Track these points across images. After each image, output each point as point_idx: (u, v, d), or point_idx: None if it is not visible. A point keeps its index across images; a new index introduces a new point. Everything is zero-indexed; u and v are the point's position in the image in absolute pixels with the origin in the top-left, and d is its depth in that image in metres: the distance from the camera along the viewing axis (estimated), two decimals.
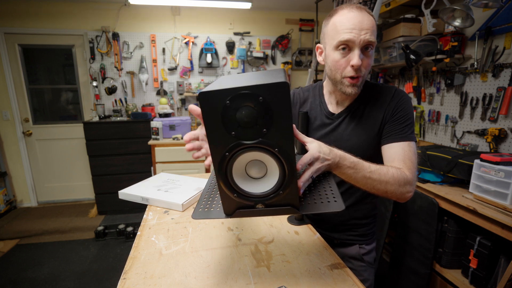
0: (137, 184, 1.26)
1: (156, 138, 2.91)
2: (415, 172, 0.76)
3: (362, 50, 0.76)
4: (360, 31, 0.73)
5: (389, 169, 0.72)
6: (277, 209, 0.56)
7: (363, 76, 0.80)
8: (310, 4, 3.08)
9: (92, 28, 3.13)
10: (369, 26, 0.74)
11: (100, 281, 2.08)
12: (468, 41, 1.95)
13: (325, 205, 0.57)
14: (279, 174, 0.52)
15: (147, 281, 0.68)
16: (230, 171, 0.52)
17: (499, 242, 1.35)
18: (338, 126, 0.90)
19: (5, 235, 2.69)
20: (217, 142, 0.50)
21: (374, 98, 0.87)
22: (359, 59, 0.75)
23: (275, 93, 0.46)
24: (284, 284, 0.67)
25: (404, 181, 0.72)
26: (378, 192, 0.72)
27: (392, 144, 0.81)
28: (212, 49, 3.28)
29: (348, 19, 0.74)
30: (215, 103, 0.47)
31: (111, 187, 3.03)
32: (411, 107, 0.84)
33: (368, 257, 1.01)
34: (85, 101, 3.35)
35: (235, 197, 0.54)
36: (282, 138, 0.49)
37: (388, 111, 0.84)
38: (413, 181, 0.75)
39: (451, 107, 2.11)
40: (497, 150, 1.75)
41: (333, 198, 0.58)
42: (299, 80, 3.70)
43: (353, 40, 0.74)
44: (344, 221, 0.99)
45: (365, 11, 0.76)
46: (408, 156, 0.77)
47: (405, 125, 0.81)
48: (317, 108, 0.95)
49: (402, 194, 0.73)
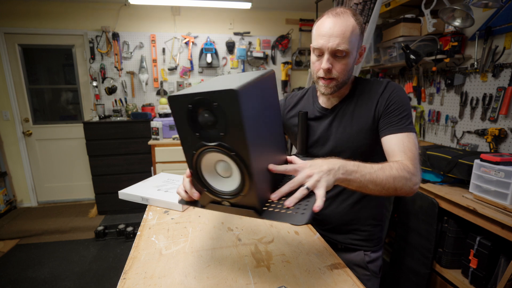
0: (137, 184, 1.26)
1: (156, 138, 2.91)
2: (417, 163, 0.75)
3: (333, 55, 0.79)
4: (329, 38, 0.77)
5: (391, 164, 0.71)
6: (240, 209, 0.58)
7: (337, 79, 0.82)
8: (310, 4, 3.08)
9: (92, 28, 3.13)
10: (338, 33, 0.76)
11: (100, 281, 2.08)
12: (468, 41, 1.95)
13: (289, 216, 0.55)
14: (239, 176, 0.54)
15: (147, 281, 0.68)
16: (199, 167, 0.57)
17: (499, 242, 1.35)
18: (332, 120, 0.91)
19: (5, 235, 2.69)
20: (186, 141, 0.55)
21: (367, 90, 0.88)
22: (326, 63, 0.79)
23: (226, 99, 0.48)
24: (284, 284, 0.67)
25: (408, 172, 0.71)
26: (389, 191, 0.69)
27: (390, 136, 0.80)
28: (212, 49, 3.28)
29: (322, 26, 0.79)
30: (182, 106, 0.51)
31: (111, 187, 3.03)
32: (405, 99, 0.83)
33: (373, 265, 0.96)
34: (85, 101, 3.35)
35: (205, 192, 0.59)
36: (238, 144, 0.50)
37: (381, 102, 0.84)
38: (417, 171, 0.73)
39: (451, 107, 2.11)
40: (497, 150, 1.75)
41: (302, 210, 0.55)
42: (299, 80, 3.70)
43: (321, 47, 0.79)
44: (348, 221, 0.95)
45: (344, 16, 0.77)
46: (408, 147, 0.76)
47: (400, 117, 0.81)
48: (310, 106, 0.97)
49: (410, 188, 0.71)
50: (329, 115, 0.92)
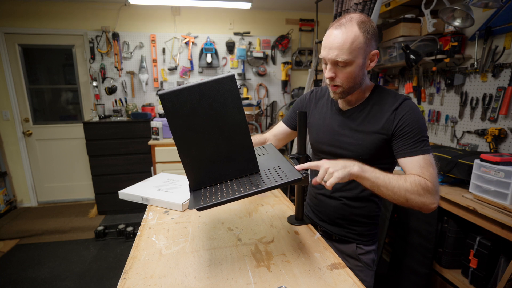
0: (137, 184, 1.26)
1: (156, 138, 2.91)
2: (436, 183, 0.78)
3: (335, 65, 0.84)
4: (329, 50, 0.82)
5: (408, 177, 0.77)
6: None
7: (342, 86, 0.87)
8: (310, 4, 3.08)
9: (92, 28, 3.13)
10: (337, 46, 0.80)
11: (100, 281, 2.08)
12: (468, 41, 1.95)
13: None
14: None
15: (147, 281, 0.68)
16: None
17: (499, 242, 1.35)
18: (344, 122, 0.95)
19: (5, 235, 2.69)
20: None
21: (381, 102, 0.90)
22: (328, 72, 0.85)
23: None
24: (284, 284, 0.67)
25: (424, 188, 0.75)
26: (400, 200, 0.76)
27: (406, 159, 0.82)
28: (212, 49, 3.28)
29: (326, 38, 0.84)
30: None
31: (111, 187, 3.03)
32: (419, 120, 0.83)
33: (365, 257, 1.01)
34: (85, 101, 3.35)
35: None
36: None
37: (392, 119, 0.85)
38: (435, 190, 0.76)
39: (451, 107, 2.11)
40: (497, 150, 1.75)
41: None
42: (299, 80, 3.70)
43: (324, 57, 0.85)
44: (343, 216, 1.00)
45: (346, 27, 0.80)
46: (425, 167, 0.79)
47: (415, 139, 0.82)
48: (328, 105, 1.03)
49: (424, 204, 0.76)
50: (341, 117, 0.96)
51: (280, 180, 0.66)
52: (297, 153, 0.93)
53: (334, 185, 0.74)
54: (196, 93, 0.67)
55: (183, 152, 0.72)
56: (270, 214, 1.05)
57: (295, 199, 1.00)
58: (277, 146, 1.16)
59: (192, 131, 0.70)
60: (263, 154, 0.89)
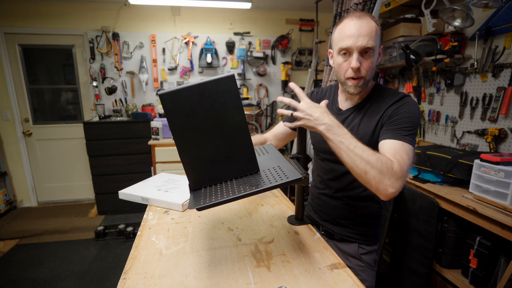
0: (137, 184, 1.26)
1: (156, 138, 2.91)
2: (404, 170, 0.72)
3: (362, 54, 0.84)
4: (357, 38, 0.82)
5: (376, 153, 0.72)
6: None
7: (365, 77, 0.86)
8: (310, 4, 3.08)
9: (92, 28, 3.13)
10: (366, 33, 0.82)
11: (100, 281, 2.08)
12: (468, 41, 1.95)
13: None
14: None
15: (147, 281, 0.68)
16: None
17: (499, 242, 1.35)
18: (343, 121, 0.95)
19: (5, 235, 2.69)
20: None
21: (380, 99, 0.90)
22: (356, 62, 0.83)
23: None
24: (284, 284, 0.67)
25: (389, 170, 0.70)
26: (357, 170, 0.71)
27: (384, 141, 0.81)
28: (212, 49, 3.28)
29: (348, 28, 0.83)
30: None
31: (111, 187, 3.03)
32: (413, 113, 0.82)
33: (367, 257, 1.01)
34: (85, 101, 3.35)
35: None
36: None
37: (387, 112, 0.86)
38: (399, 176, 0.70)
39: (451, 107, 2.11)
40: (497, 150, 1.75)
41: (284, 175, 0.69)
42: (299, 80, 3.70)
43: (351, 46, 0.83)
44: (345, 216, 1.00)
45: (366, 18, 0.83)
46: (399, 153, 0.75)
47: (400, 127, 0.81)
48: (328, 105, 1.01)
49: (382, 183, 0.70)
50: (341, 116, 0.97)
51: (280, 180, 0.66)
52: (297, 153, 0.93)
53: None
54: (196, 93, 0.67)
55: (183, 152, 0.72)
56: (270, 214, 1.05)
57: (295, 199, 1.00)
58: (277, 146, 1.17)
59: (192, 131, 0.70)
60: (263, 154, 0.89)
